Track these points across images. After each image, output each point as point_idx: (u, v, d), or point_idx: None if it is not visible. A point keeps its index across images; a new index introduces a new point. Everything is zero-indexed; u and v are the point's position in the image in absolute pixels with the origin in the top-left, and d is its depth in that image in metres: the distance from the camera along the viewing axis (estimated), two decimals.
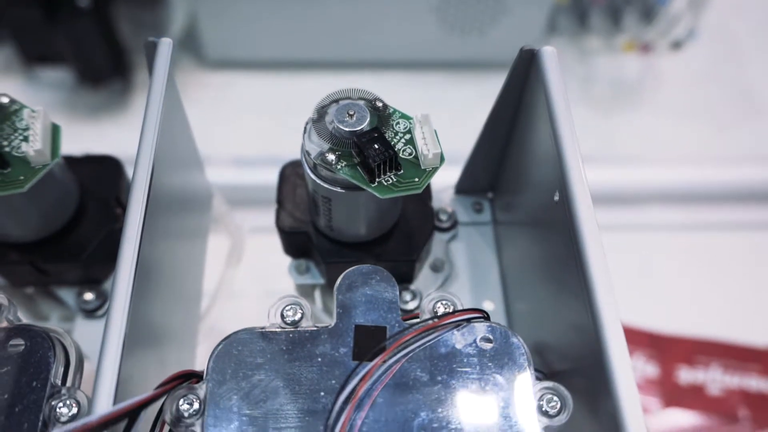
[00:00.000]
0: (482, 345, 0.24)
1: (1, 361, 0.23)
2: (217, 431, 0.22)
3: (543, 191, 0.30)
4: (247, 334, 0.24)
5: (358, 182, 0.28)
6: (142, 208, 0.26)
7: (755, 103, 0.81)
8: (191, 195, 0.39)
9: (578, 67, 0.85)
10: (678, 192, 0.77)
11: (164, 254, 0.31)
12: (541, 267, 0.33)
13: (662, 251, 0.74)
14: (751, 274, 0.72)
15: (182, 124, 0.34)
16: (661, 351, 0.67)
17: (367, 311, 0.25)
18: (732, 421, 0.64)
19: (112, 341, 0.22)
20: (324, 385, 0.23)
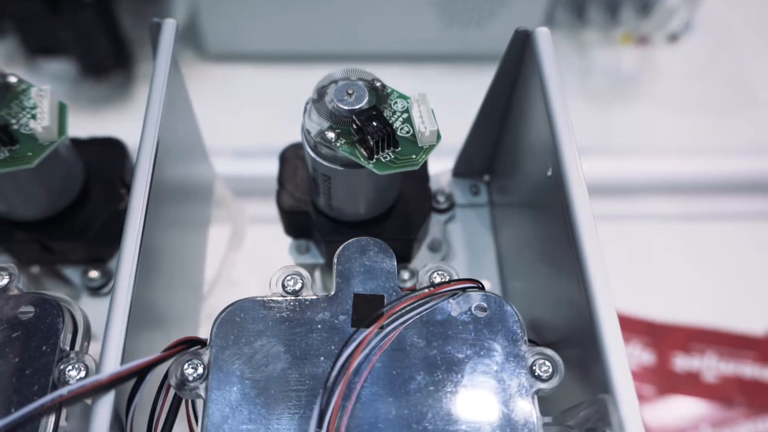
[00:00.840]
0: (477, 313, 0.25)
1: (12, 326, 0.23)
2: (220, 394, 0.23)
3: (537, 173, 0.31)
4: (249, 303, 0.25)
5: (357, 159, 0.29)
6: (147, 185, 0.27)
7: (751, 94, 0.82)
8: (194, 175, 0.39)
9: (576, 60, 0.86)
10: (674, 183, 0.78)
11: (167, 233, 0.32)
12: (536, 246, 0.34)
13: (659, 241, 0.75)
14: (746, 264, 0.72)
15: (185, 104, 0.35)
16: (657, 339, 0.68)
17: (366, 281, 0.26)
18: (727, 407, 0.65)
19: (120, 304, 0.22)
20: (324, 351, 0.24)
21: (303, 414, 0.23)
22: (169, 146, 0.30)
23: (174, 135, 0.32)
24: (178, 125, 0.33)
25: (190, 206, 0.40)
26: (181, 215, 0.37)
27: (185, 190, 0.37)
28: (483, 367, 0.24)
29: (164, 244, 0.31)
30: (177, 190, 0.34)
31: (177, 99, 0.32)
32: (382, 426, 0.23)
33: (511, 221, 0.38)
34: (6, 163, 0.28)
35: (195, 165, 0.40)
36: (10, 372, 0.23)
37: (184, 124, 0.35)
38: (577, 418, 0.23)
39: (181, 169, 0.35)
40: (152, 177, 0.27)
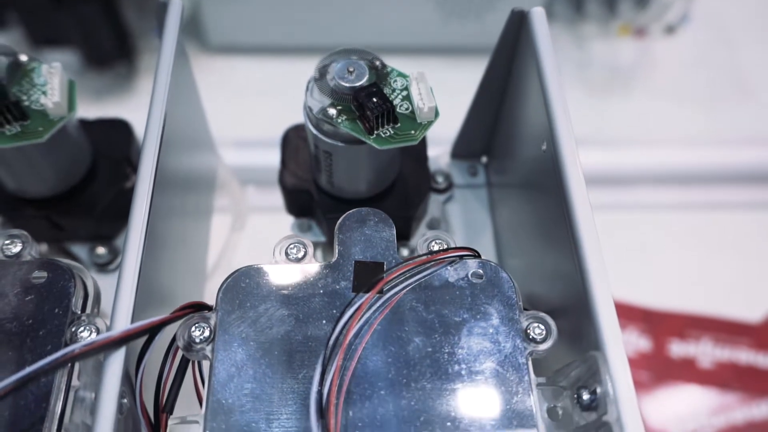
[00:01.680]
0: (473, 279, 0.26)
1: (26, 290, 0.24)
2: (226, 355, 0.24)
3: (534, 154, 0.32)
4: (253, 269, 0.26)
5: (357, 134, 0.29)
6: (154, 162, 0.28)
7: (746, 86, 0.83)
8: (199, 154, 0.40)
9: (574, 53, 0.87)
10: (671, 173, 0.79)
11: (172, 212, 0.33)
12: (532, 224, 0.34)
13: (655, 231, 0.76)
14: (741, 252, 0.73)
15: (190, 85, 0.36)
16: (653, 325, 0.69)
17: (366, 249, 0.26)
18: (722, 393, 0.66)
19: (129, 265, 0.23)
20: (326, 314, 0.25)
21: (306, 374, 0.24)
22: (175, 123, 0.31)
23: (180, 113, 0.33)
24: (183, 104, 0.34)
25: (194, 186, 0.40)
26: (187, 194, 0.37)
27: (190, 169, 0.38)
28: (479, 329, 0.25)
29: (169, 224, 0.32)
30: (183, 168, 0.35)
31: (182, 78, 0.33)
32: (381, 384, 0.23)
33: (508, 201, 0.39)
34: (18, 137, 0.29)
35: (200, 145, 0.41)
36: (24, 333, 0.23)
37: (189, 104, 0.36)
38: (569, 378, 0.24)
39: (187, 145, 0.36)
40: (159, 155, 0.28)
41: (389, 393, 0.23)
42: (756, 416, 0.65)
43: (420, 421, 0.23)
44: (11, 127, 0.29)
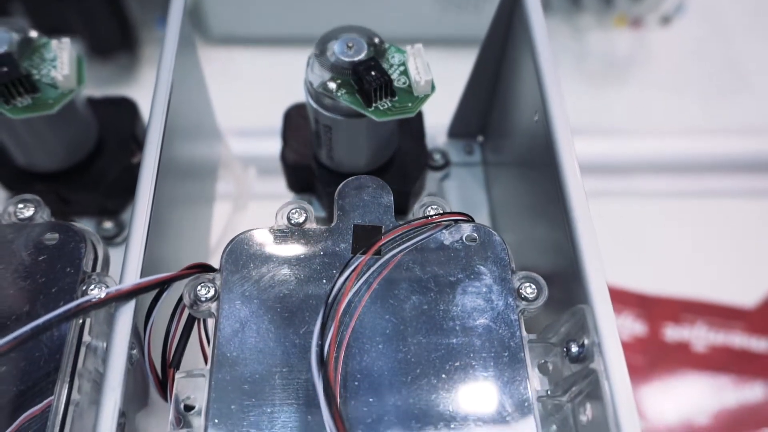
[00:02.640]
0: (467, 242, 0.27)
1: (38, 251, 0.25)
2: (231, 312, 0.25)
3: (528, 133, 0.33)
4: (256, 232, 0.27)
5: (356, 107, 0.30)
6: (159, 140, 0.29)
7: (741, 76, 0.84)
8: (202, 129, 0.41)
9: (571, 44, 0.88)
10: (666, 162, 0.80)
11: (176, 190, 0.34)
12: (526, 200, 0.35)
13: (651, 218, 0.77)
14: (735, 239, 0.74)
15: (194, 62, 0.37)
16: (648, 310, 0.70)
17: (365, 213, 0.28)
18: (716, 376, 0.67)
19: (138, 229, 0.24)
20: (326, 275, 0.26)
21: (307, 329, 0.25)
22: (179, 104, 0.32)
23: (185, 90, 0.34)
24: (188, 85, 0.35)
25: (197, 159, 0.41)
26: (190, 168, 0.38)
27: (195, 146, 0.39)
28: (473, 288, 0.26)
29: (174, 195, 0.33)
30: (187, 146, 0.36)
31: (187, 55, 0.34)
32: (379, 339, 0.24)
33: (503, 179, 0.40)
34: (29, 109, 0.30)
35: (205, 127, 0.42)
36: (38, 290, 0.25)
37: (193, 83, 0.37)
38: (559, 334, 0.25)
39: (192, 125, 0.37)
40: (164, 132, 0.29)
41: (387, 347, 0.24)
42: (749, 399, 0.66)
43: (416, 372, 0.24)
44: (23, 100, 0.30)
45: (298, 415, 0.23)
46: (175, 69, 0.31)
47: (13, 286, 0.25)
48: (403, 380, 0.24)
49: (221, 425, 0.23)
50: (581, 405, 0.24)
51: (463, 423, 0.23)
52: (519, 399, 0.23)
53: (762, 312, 0.70)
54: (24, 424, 0.22)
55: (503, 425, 0.23)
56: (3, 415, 0.22)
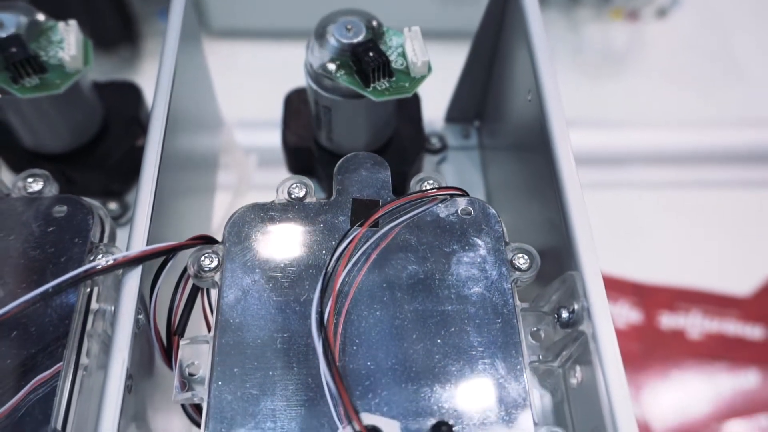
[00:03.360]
0: (463, 215, 0.28)
1: (47, 222, 0.26)
2: (233, 280, 0.26)
3: (523, 117, 0.34)
4: (258, 206, 0.28)
5: (355, 87, 0.31)
6: (163, 122, 0.29)
7: (736, 68, 0.85)
8: (204, 119, 0.42)
9: (569, 37, 0.89)
10: (662, 153, 0.81)
11: (180, 172, 0.35)
12: (521, 182, 0.36)
13: (646, 208, 0.78)
14: (730, 229, 0.75)
15: (197, 51, 0.38)
16: (644, 298, 0.71)
17: (363, 188, 0.28)
18: (710, 362, 0.68)
19: (144, 199, 0.25)
20: (326, 246, 0.27)
21: (307, 297, 0.26)
22: (182, 88, 0.33)
23: (187, 72, 0.35)
24: (191, 66, 0.36)
25: (200, 143, 0.42)
26: (193, 149, 0.39)
27: (197, 127, 0.40)
28: (467, 259, 0.26)
29: (175, 188, 0.34)
30: (190, 128, 0.37)
31: (191, 37, 0.35)
32: (377, 307, 0.25)
33: (499, 162, 0.41)
34: (37, 88, 0.30)
35: (205, 105, 0.42)
36: (47, 259, 0.25)
37: (196, 67, 0.38)
38: (550, 302, 0.26)
39: (193, 106, 0.38)
40: (168, 115, 0.30)
41: (384, 314, 0.25)
42: (743, 385, 0.67)
43: (412, 338, 0.25)
44: (31, 80, 0.31)
45: (298, 377, 0.24)
46: (178, 58, 0.31)
47: (24, 256, 0.26)
48: (400, 345, 0.25)
49: (225, 387, 0.24)
50: (571, 369, 0.25)
51: (457, 385, 0.24)
52: (512, 363, 0.24)
53: (756, 300, 0.71)
54: (34, 389, 0.23)
55: (497, 388, 0.24)
56: (14, 379, 0.23)
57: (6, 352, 0.24)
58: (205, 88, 0.42)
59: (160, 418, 0.29)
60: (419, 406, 0.23)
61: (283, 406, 0.23)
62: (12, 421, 0.23)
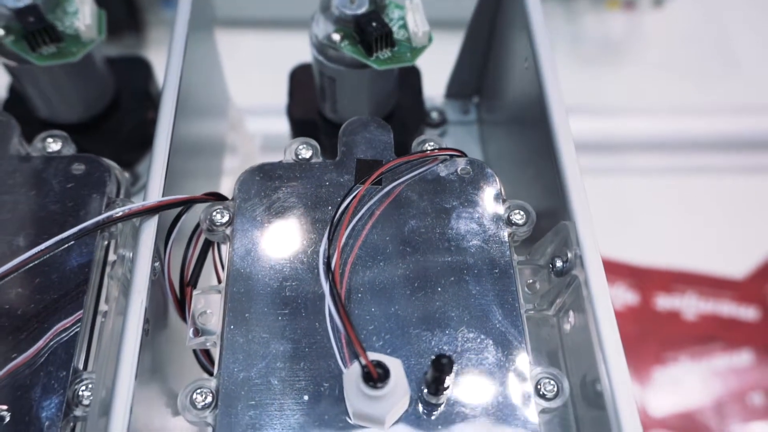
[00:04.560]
0: (462, 174, 0.29)
1: (66, 179, 0.28)
2: (244, 234, 0.27)
3: (519, 92, 0.35)
4: (267, 165, 0.29)
5: (359, 57, 0.33)
6: (175, 95, 0.31)
7: (732, 57, 0.86)
8: (212, 101, 0.43)
9: (566, 28, 0.90)
10: (659, 140, 0.82)
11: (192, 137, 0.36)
12: (518, 153, 0.38)
13: (643, 194, 0.79)
14: (725, 214, 0.77)
15: (208, 28, 0.39)
16: (640, 280, 0.72)
17: (367, 149, 0.30)
18: (705, 343, 0.69)
19: (160, 149, 0.27)
20: (331, 202, 0.28)
21: (314, 249, 0.27)
22: (193, 61, 0.34)
23: (197, 52, 0.36)
24: (200, 42, 0.37)
25: (209, 118, 0.43)
26: (201, 122, 0.40)
27: (206, 101, 0.41)
28: (466, 214, 0.28)
29: (185, 166, 0.35)
30: (199, 107, 0.38)
31: (201, 20, 0.36)
32: (381, 258, 0.27)
33: (497, 136, 0.42)
34: (54, 56, 0.32)
35: (214, 91, 0.44)
36: (67, 213, 0.27)
37: (205, 45, 0.40)
38: (545, 255, 0.27)
39: (202, 88, 0.39)
40: (180, 89, 0.31)
41: (388, 265, 0.27)
42: (737, 364, 0.68)
43: (414, 286, 0.26)
44: (48, 48, 0.32)
45: (306, 322, 0.25)
46: (189, 36, 0.32)
47: (45, 210, 0.27)
48: (402, 293, 0.26)
49: (237, 330, 0.25)
50: (565, 315, 0.26)
51: (457, 330, 0.25)
52: (509, 309, 0.26)
53: (750, 282, 0.72)
54: (57, 333, 0.25)
55: (495, 332, 0.25)
56: (38, 323, 0.24)
57: (30, 297, 0.25)
58: (214, 70, 0.43)
59: (172, 372, 0.30)
60: (420, 348, 0.25)
61: (292, 349, 0.25)
62: (36, 364, 0.24)
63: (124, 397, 0.22)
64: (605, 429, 0.23)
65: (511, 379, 0.24)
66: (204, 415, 0.24)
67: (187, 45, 0.32)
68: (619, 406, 0.23)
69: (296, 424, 0.23)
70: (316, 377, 0.24)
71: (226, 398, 0.24)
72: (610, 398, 0.23)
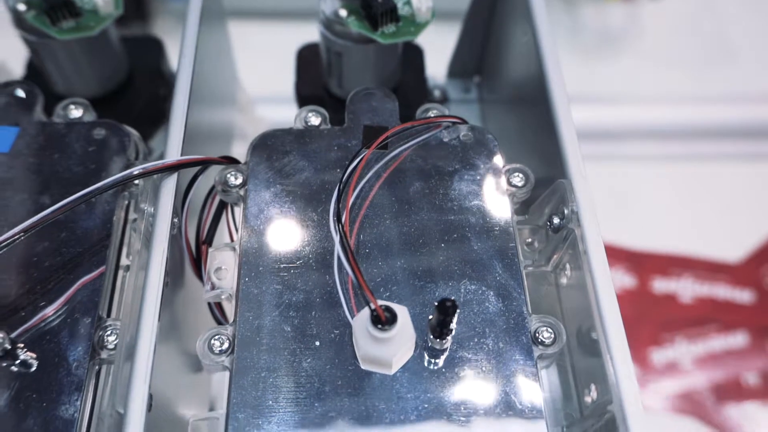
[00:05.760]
0: (464, 139, 0.30)
1: (88, 143, 0.29)
2: (257, 194, 0.29)
3: (519, 72, 0.36)
4: (278, 131, 0.30)
5: (365, 31, 0.34)
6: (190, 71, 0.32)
7: (729, 48, 0.88)
8: (222, 77, 0.45)
9: (565, 19, 0.91)
10: (656, 128, 0.83)
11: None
12: (518, 128, 0.39)
13: (641, 180, 0.80)
14: (721, 200, 0.78)
15: (220, 23, 0.40)
16: (638, 264, 0.74)
17: (373, 116, 0.31)
18: (701, 325, 0.70)
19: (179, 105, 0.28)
20: (339, 164, 0.30)
21: (324, 208, 0.28)
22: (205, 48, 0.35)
23: (210, 38, 0.37)
24: (213, 31, 0.39)
25: (220, 111, 0.45)
26: (214, 117, 0.42)
27: (217, 96, 0.43)
28: (468, 176, 0.29)
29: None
30: (210, 93, 0.40)
31: (213, 20, 0.37)
32: (387, 217, 0.28)
33: (498, 114, 0.43)
34: (73, 30, 0.33)
35: (222, 64, 0.45)
36: (89, 174, 0.28)
37: (217, 34, 0.41)
38: (543, 215, 0.29)
39: (213, 70, 0.40)
40: (194, 66, 0.32)
41: (394, 223, 0.28)
42: (732, 345, 0.69)
43: (419, 243, 0.28)
44: (67, 22, 0.33)
45: (317, 274, 0.27)
46: (201, 31, 0.34)
47: (68, 172, 0.28)
48: (408, 249, 0.27)
49: (251, 283, 0.26)
50: (562, 270, 0.28)
51: (459, 282, 0.27)
52: (508, 263, 0.27)
53: (745, 266, 0.74)
54: (83, 286, 0.26)
55: (495, 283, 0.26)
56: (64, 274, 0.26)
57: (56, 250, 0.26)
58: (226, 58, 0.45)
59: (188, 333, 0.32)
60: (425, 299, 0.26)
61: (303, 299, 0.26)
62: (64, 312, 0.25)
63: (148, 339, 0.23)
64: (600, 374, 0.25)
65: (511, 327, 0.25)
66: (221, 360, 0.25)
67: (200, 33, 0.34)
68: (614, 352, 0.24)
69: (308, 368, 0.25)
70: (327, 325, 0.25)
71: (242, 343, 0.25)
72: (604, 344, 0.24)
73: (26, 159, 0.29)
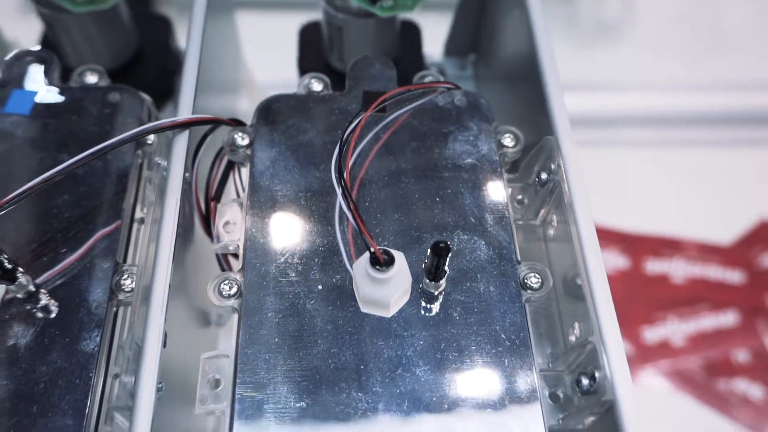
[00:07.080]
0: (458, 103, 0.32)
1: (104, 106, 0.31)
2: (263, 153, 0.30)
3: (512, 50, 0.38)
4: (282, 95, 0.32)
5: (364, 5, 0.36)
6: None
7: (723, 37, 0.89)
8: (230, 70, 0.46)
9: (562, 9, 0.93)
10: (650, 115, 0.85)
11: None
12: (512, 106, 0.41)
13: (635, 166, 0.82)
14: (713, 185, 0.80)
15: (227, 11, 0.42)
16: (631, 246, 0.76)
17: (372, 83, 0.33)
18: (693, 304, 0.72)
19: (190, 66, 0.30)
20: (340, 126, 0.31)
21: (327, 165, 0.30)
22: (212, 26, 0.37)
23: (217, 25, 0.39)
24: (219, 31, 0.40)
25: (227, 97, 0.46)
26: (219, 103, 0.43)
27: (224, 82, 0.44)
28: (462, 137, 0.31)
29: None
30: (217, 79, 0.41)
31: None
32: (386, 174, 0.30)
33: (493, 90, 0.45)
34: (87, 3, 0.35)
35: (232, 60, 0.47)
36: (105, 134, 0.30)
37: (225, 21, 0.43)
38: (532, 172, 0.31)
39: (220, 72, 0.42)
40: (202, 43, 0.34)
41: (392, 180, 0.30)
42: (723, 324, 0.71)
43: (415, 197, 0.29)
44: None
45: (320, 226, 0.28)
46: (208, 18, 0.35)
47: (85, 131, 0.30)
48: (404, 203, 0.29)
49: (257, 233, 0.28)
50: (549, 224, 0.29)
51: (453, 232, 0.28)
52: (498, 215, 0.29)
53: (736, 248, 0.75)
54: (100, 236, 0.28)
55: (486, 233, 0.28)
56: (82, 226, 0.28)
57: (76, 203, 0.28)
58: (233, 44, 0.46)
59: (197, 293, 0.33)
60: (421, 248, 0.28)
61: (307, 248, 0.28)
62: (84, 259, 0.27)
63: (163, 278, 0.25)
64: (584, 317, 0.26)
65: (501, 271, 0.27)
66: (230, 303, 0.27)
67: (206, 20, 0.35)
68: (595, 293, 0.26)
69: (312, 309, 0.26)
70: (330, 271, 0.27)
71: (250, 287, 0.27)
72: (587, 286, 0.26)
73: (45, 121, 0.30)
